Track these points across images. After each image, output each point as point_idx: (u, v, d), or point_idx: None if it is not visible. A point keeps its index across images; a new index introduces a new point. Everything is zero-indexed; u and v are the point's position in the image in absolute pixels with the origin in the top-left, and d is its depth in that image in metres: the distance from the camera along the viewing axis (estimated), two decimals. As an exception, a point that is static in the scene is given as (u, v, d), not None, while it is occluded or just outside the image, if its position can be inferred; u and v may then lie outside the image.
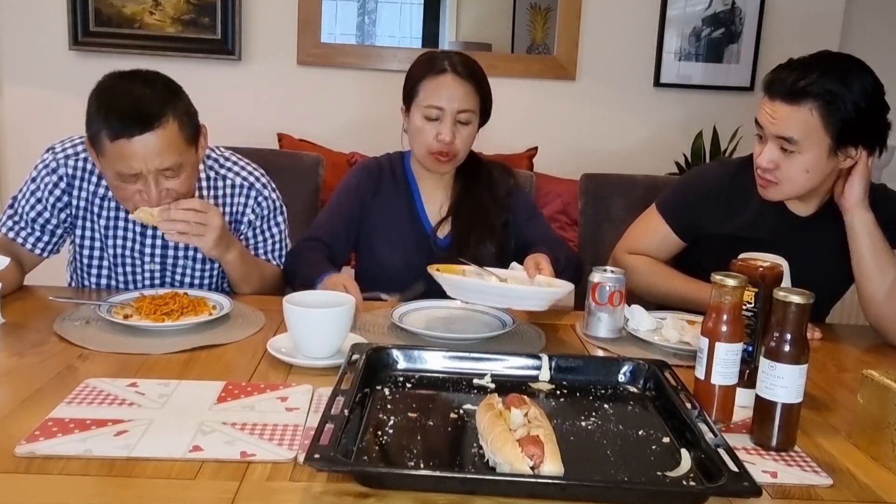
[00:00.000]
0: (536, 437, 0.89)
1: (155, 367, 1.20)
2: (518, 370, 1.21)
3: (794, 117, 1.47)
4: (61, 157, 1.59)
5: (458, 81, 1.69)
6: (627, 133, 3.37)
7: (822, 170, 1.52)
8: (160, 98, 1.43)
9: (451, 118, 1.69)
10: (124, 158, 1.40)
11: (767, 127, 1.51)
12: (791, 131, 1.48)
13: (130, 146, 1.39)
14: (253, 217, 1.68)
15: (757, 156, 1.56)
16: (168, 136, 1.41)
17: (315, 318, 1.23)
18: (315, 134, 3.15)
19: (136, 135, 1.38)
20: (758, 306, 1.13)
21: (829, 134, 1.47)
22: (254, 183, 1.68)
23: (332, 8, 3.34)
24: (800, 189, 1.55)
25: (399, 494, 0.85)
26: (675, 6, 3.28)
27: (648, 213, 1.76)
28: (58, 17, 3.08)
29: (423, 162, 1.77)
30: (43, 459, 0.89)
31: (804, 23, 3.30)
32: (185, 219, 1.43)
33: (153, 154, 1.40)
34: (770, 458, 0.99)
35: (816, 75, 1.46)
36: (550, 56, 3.32)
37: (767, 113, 1.51)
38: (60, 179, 1.58)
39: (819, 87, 1.45)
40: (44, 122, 3.11)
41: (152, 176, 1.43)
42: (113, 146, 1.39)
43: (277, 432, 0.98)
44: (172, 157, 1.43)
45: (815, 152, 1.49)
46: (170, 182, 1.46)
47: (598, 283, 1.46)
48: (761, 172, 1.55)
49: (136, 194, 1.45)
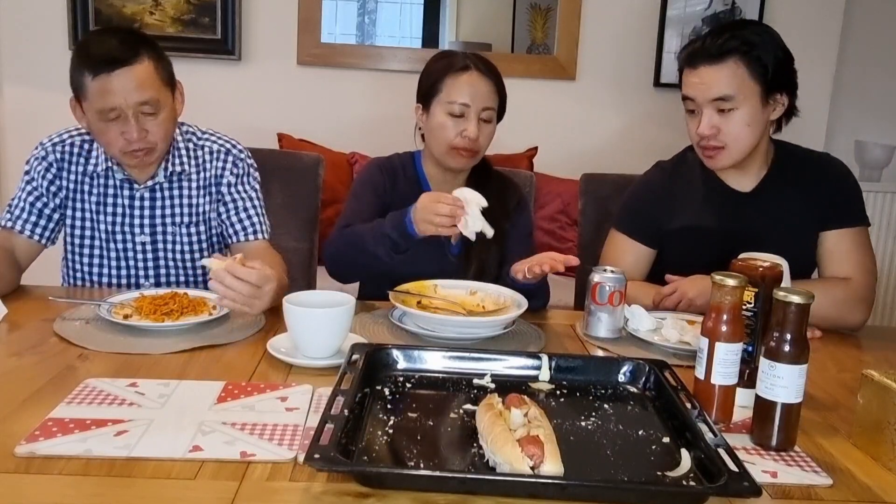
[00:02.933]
0: (536, 437, 0.89)
1: (155, 367, 1.19)
2: (518, 370, 1.21)
3: (723, 74, 1.54)
4: (48, 146, 1.69)
5: (482, 79, 1.72)
6: (627, 133, 3.36)
7: (759, 121, 1.58)
8: (135, 39, 1.57)
9: (476, 115, 1.70)
10: (105, 94, 1.51)
11: (699, 95, 1.57)
12: (724, 88, 1.54)
13: (110, 81, 1.50)
14: (232, 178, 1.75)
15: (695, 130, 1.60)
16: (144, 72, 1.53)
17: (315, 318, 1.23)
18: (315, 134, 3.15)
19: (116, 69, 1.50)
20: (758, 306, 1.13)
21: (758, 81, 1.55)
22: (230, 149, 1.76)
23: (332, 8, 3.34)
24: (745, 146, 1.60)
25: (399, 494, 0.85)
26: (675, 6, 3.28)
27: (610, 238, 1.80)
28: (58, 17, 3.08)
29: (442, 158, 1.75)
30: (43, 459, 0.89)
31: (804, 23, 3.30)
32: (240, 290, 1.35)
33: (131, 88, 1.51)
34: (770, 458, 0.99)
35: (730, 33, 1.55)
36: (550, 56, 3.32)
37: (695, 82, 1.57)
38: (51, 165, 1.68)
39: (736, 41, 1.54)
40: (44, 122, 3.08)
41: (132, 112, 1.52)
42: (94, 83, 1.51)
43: (277, 432, 0.98)
44: (149, 92, 1.53)
45: (751, 103, 1.55)
46: (149, 122, 1.55)
47: (597, 283, 1.46)
48: (705, 143, 1.60)
49: (119, 136, 1.54)
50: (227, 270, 1.33)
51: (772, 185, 1.66)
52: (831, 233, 1.64)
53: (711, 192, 1.68)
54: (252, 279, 1.35)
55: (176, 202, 1.71)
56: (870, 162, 3.40)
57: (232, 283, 1.34)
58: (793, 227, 1.63)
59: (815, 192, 1.64)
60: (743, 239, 1.42)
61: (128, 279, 1.72)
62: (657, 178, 1.78)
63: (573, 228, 2.93)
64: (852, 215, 1.64)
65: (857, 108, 3.48)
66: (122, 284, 1.72)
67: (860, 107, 3.49)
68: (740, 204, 1.66)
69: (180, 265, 1.74)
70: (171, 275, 1.74)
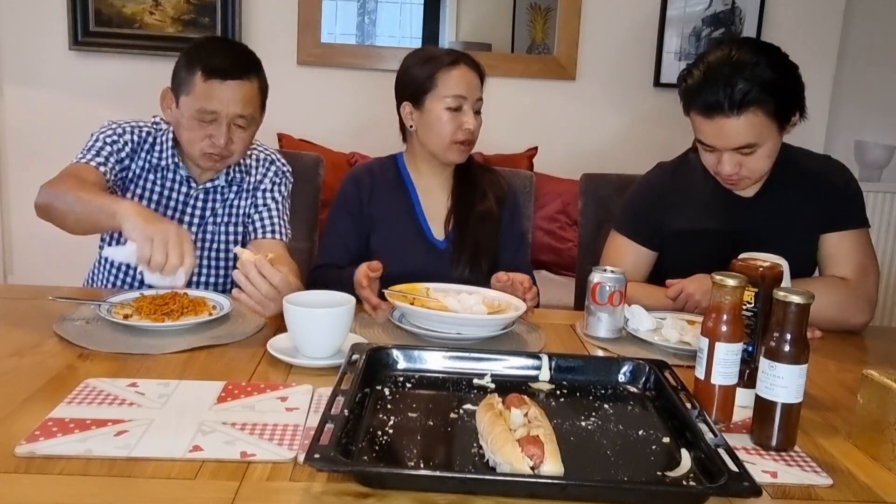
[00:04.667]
0: (536, 437, 0.89)
1: (155, 367, 1.19)
2: (518, 370, 1.21)
3: (744, 125, 1.49)
4: (125, 126, 1.71)
5: (471, 72, 1.75)
6: (627, 133, 3.37)
7: (778, 147, 1.57)
8: (252, 60, 1.66)
9: (471, 107, 1.74)
10: (211, 97, 1.58)
11: (720, 144, 1.53)
12: (747, 138, 1.50)
13: (221, 87, 1.58)
14: (269, 184, 1.80)
15: (715, 165, 1.58)
16: (252, 90, 1.63)
17: (315, 318, 1.23)
18: (315, 134, 3.15)
19: (230, 79, 1.58)
20: (758, 306, 1.13)
21: (776, 119, 1.51)
22: (275, 160, 1.84)
23: (332, 8, 3.34)
24: (766, 171, 1.60)
25: (399, 494, 0.85)
26: (675, 6, 3.28)
27: (611, 239, 1.80)
28: (58, 17, 3.08)
29: (442, 153, 1.76)
30: (43, 459, 0.89)
31: (804, 23, 3.30)
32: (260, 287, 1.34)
33: (236, 100, 1.60)
34: (770, 458, 0.99)
35: (741, 80, 1.46)
36: (550, 56, 3.32)
37: (713, 133, 1.52)
38: (126, 144, 1.69)
39: (753, 91, 1.46)
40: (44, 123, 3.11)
41: (228, 120, 1.60)
42: (205, 84, 1.58)
43: (277, 432, 0.98)
44: (249, 109, 1.63)
45: (772, 140, 1.54)
46: (237, 133, 1.63)
47: (597, 283, 1.46)
48: (727, 178, 1.58)
49: (205, 137, 1.61)
50: (255, 264, 1.34)
51: (774, 188, 1.66)
52: (832, 235, 1.64)
53: (713, 195, 1.68)
54: (275, 280, 1.34)
55: (224, 204, 1.77)
56: (870, 162, 3.40)
57: (255, 279, 1.33)
58: (794, 230, 1.63)
59: (816, 195, 1.64)
60: (744, 242, 1.41)
61: None
62: (658, 180, 1.78)
63: (573, 228, 2.93)
64: (853, 217, 1.64)
65: (857, 108, 3.48)
66: None
67: (860, 107, 3.49)
68: (742, 207, 1.66)
69: (214, 265, 1.77)
70: (204, 274, 1.76)
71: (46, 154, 1.76)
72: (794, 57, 1.56)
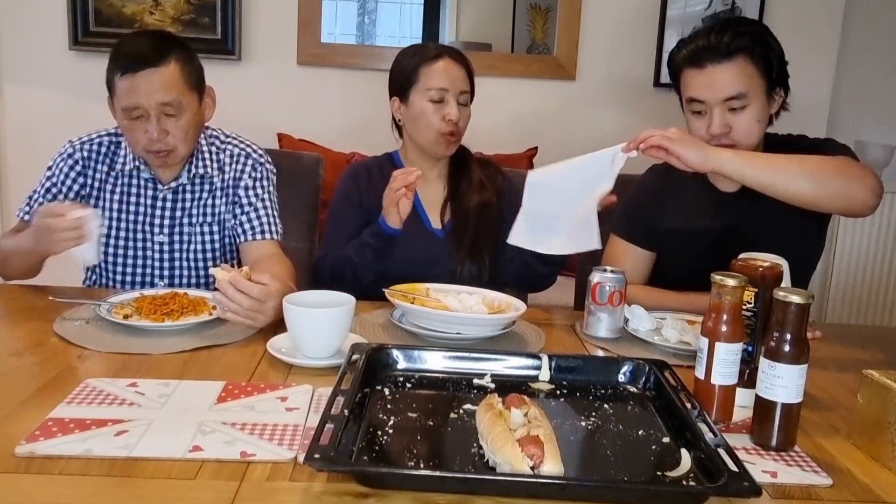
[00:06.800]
0: (536, 437, 0.89)
1: (155, 367, 1.19)
2: (518, 370, 1.21)
3: (734, 72, 1.52)
4: (77, 144, 1.73)
5: (455, 65, 1.78)
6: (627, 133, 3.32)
7: (765, 116, 1.58)
8: (166, 42, 1.61)
9: (455, 98, 1.77)
10: (130, 93, 1.56)
11: (711, 95, 1.54)
12: (737, 86, 1.52)
13: (135, 80, 1.55)
14: (249, 181, 1.77)
15: (705, 130, 1.57)
16: (170, 74, 1.57)
17: (315, 318, 1.23)
18: (315, 134, 3.15)
19: (142, 69, 1.55)
20: (758, 306, 1.13)
21: (765, 77, 1.54)
22: (251, 153, 1.80)
23: (332, 8, 3.34)
24: (754, 143, 1.58)
25: (399, 494, 0.85)
26: (675, 6, 3.28)
27: (610, 242, 1.80)
28: (58, 17, 3.07)
29: (430, 146, 1.80)
30: (43, 459, 0.89)
31: (804, 23, 3.30)
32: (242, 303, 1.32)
33: (154, 88, 1.55)
34: (770, 458, 0.99)
35: (733, 30, 1.52)
36: (550, 56, 3.32)
37: (704, 83, 1.55)
38: (76, 162, 1.71)
39: (744, 38, 1.52)
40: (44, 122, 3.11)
41: (154, 112, 1.57)
42: (121, 81, 1.56)
43: (277, 432, 0.98)
44: (171, 94, 1.57)
45: (760, 100, 1.55)
46: (170, 123, 1.59)
47: (597, 283, 1.46)
48: (715, 142, 1.56)
49: (142, 135, 1.59)
50: (230, 282, 1.32)
51: None
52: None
53: (701, 194, 1.70)
54: (254, 293, 1.32)
55: (196, 204, 1.74)
56: (870, 162, 3.40)
57: (234, 296, 1.32)
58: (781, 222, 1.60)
59: None
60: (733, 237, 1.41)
61: (143, 278, 1.73)
62: (650, 181, 1.80)
63: (573, 228, 2.92)
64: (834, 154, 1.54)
65: (857, 108, 3.48)
66: (138, 283, 1.73)
67: (860, 107, 3.48)
68: (731, 204, 1.66)
69: (193, 266, 1.76)
70: (185, 276, 1.75)
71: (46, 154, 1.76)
72: (794, 57, 1.57)
